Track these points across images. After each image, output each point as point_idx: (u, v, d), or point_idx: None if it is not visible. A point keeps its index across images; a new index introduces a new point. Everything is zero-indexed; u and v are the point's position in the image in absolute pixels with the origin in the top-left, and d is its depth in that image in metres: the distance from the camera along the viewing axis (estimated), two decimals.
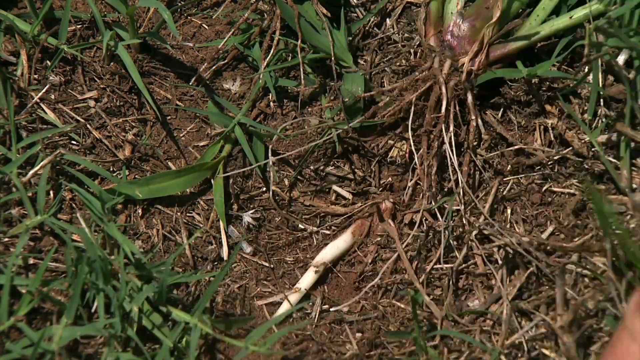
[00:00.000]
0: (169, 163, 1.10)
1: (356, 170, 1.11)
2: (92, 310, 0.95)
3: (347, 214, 1.09)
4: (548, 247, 1.01)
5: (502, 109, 1.10)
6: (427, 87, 1.05)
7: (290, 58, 1.12)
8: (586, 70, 1.06)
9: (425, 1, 1.11)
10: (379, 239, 1.07)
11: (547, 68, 1.06)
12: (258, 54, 1.11)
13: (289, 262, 1.09)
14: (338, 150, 1.09)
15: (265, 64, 1.10)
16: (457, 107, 1.05)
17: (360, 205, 1.09)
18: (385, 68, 1.12)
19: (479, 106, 1.09)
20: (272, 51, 1.11)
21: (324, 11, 1.11)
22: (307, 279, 1.06)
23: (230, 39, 1.12)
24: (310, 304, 1.06)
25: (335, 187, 1.11)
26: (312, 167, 1.11)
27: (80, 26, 1.12)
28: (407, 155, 1.08)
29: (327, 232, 1.10)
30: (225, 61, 1.13)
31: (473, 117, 1.05)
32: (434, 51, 1.08)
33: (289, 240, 1.09)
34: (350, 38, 1.14)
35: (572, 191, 1.07)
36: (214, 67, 1.13)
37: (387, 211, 1.07)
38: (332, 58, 1.09)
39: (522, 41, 1.07)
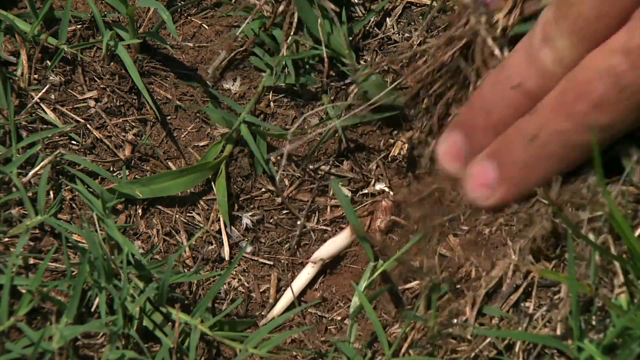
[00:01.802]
0: (169, 163, 1.10)
1: (356, 169, 1.11)
2: (92, 310, 0.95)
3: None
4: None
5: None
6: (463, 43, 1.05)
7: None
8: None
9: None
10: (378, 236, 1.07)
11: None
12: (280, 35, 1.11)
13: (289, 260, 1.09)
14: (339, 148, 1.09)
15: (286, 46, 1.10)
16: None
17: (360, 205, 1.09)
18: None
19: None
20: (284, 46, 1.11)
21: (333, 7, 1.10)
22: (305, 276, 1.06)
23: (247, 26, 1.11)
24: (309, 302, 1.06)
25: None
26: (312, 167, 1.11)
27: (80, 26, 1.12)
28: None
29: (327, 229, 1.10)
30: (243, 48, 1.13)
31: None
32: (469, 8, 1.07)
33: (289, 238, 1.09)
34: (351, 38, 1.14)
35: None
36: (221, 63, 1.12)
37: (387, 210, 1.07)
38: (327, 56, 1.09)
39: None
